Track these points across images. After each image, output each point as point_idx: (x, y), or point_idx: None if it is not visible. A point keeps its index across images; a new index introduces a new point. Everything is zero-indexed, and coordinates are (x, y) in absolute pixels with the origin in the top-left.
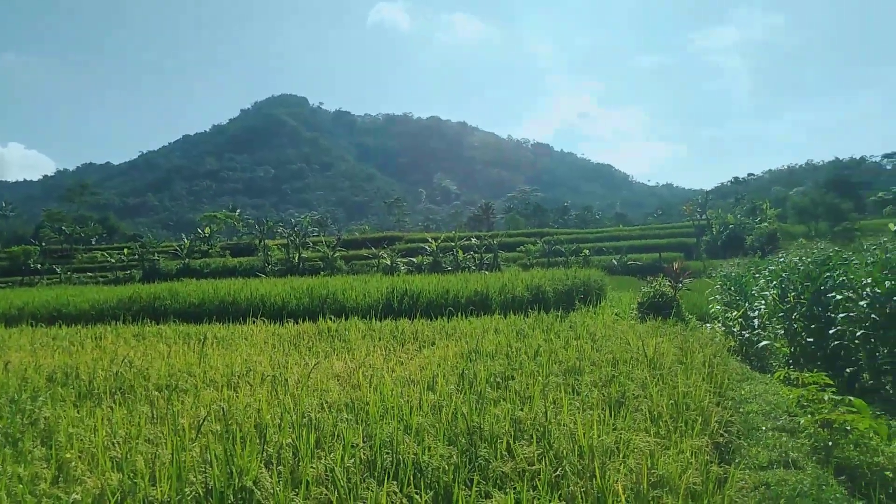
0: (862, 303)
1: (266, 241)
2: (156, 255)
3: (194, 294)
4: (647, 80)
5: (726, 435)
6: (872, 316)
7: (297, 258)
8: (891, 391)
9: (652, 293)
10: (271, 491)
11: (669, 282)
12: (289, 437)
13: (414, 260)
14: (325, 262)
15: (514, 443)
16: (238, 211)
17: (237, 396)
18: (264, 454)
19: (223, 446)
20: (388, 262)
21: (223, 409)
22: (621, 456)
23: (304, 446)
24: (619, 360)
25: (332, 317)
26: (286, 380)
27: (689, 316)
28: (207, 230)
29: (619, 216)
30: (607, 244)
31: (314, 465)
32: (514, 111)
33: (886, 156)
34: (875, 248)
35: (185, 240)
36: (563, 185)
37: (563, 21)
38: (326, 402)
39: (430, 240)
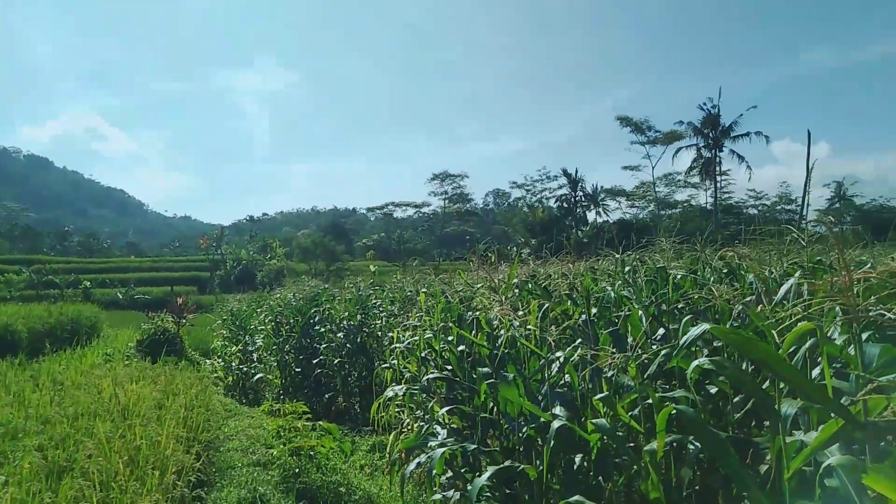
0: (340, 334)
1: None
2: None
3: None
4: (169, 108)
5: (180, 485)
6: (347, 345)
7: None
8: (359, 410)
9: (153, 330)
10: None
11: (173, 317)
12: None
13: None
14: None
15: None
16: None
17: None
18: None
19: None
20: None
21: None
22: None
23: None
24: (85, 412)
25: None
26: None
27: (193, 352)
28: None
29: (132, 246)
30: (115, 276)
31: None
32: (3, 112)
33: (369, 209)
34: (353, 287)
35: None
36: (65, 206)
37: (69, 18)
38: None
39: None
